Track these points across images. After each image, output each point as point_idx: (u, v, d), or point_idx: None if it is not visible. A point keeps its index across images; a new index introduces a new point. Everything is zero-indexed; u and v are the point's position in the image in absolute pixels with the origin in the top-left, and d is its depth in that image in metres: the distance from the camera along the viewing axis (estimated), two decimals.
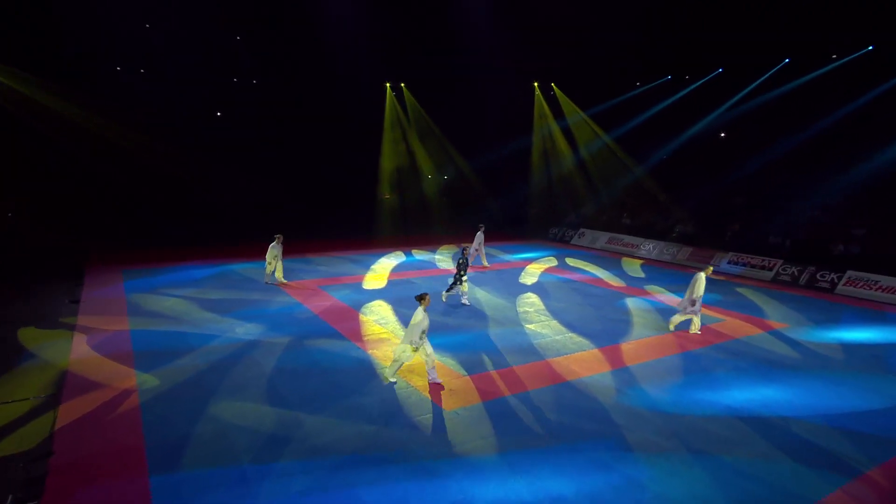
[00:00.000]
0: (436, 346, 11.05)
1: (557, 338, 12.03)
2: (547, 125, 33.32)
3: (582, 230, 27.32)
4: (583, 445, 7.42)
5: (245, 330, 11.76)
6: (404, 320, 12.91)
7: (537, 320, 13.36)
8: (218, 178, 27.09)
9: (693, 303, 12.34)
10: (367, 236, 26.29)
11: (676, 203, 26.45)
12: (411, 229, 28.71)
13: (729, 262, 20.95)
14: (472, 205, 32.10)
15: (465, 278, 14.34)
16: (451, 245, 24.91)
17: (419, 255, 22.36)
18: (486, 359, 10.56)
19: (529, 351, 11.11)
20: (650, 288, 17.42)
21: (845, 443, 7.64)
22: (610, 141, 30.90)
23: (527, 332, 12.40)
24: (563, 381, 9.61)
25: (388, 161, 31.88)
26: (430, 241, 25.91)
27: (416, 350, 8.91)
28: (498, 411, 8.34)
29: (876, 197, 21.44)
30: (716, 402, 8.89)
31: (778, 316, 14.49)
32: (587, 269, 20.61)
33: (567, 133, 32.73)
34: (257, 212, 26.89)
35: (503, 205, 31.90)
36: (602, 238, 26.18)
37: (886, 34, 21.14)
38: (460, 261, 14.38)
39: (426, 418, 8.04)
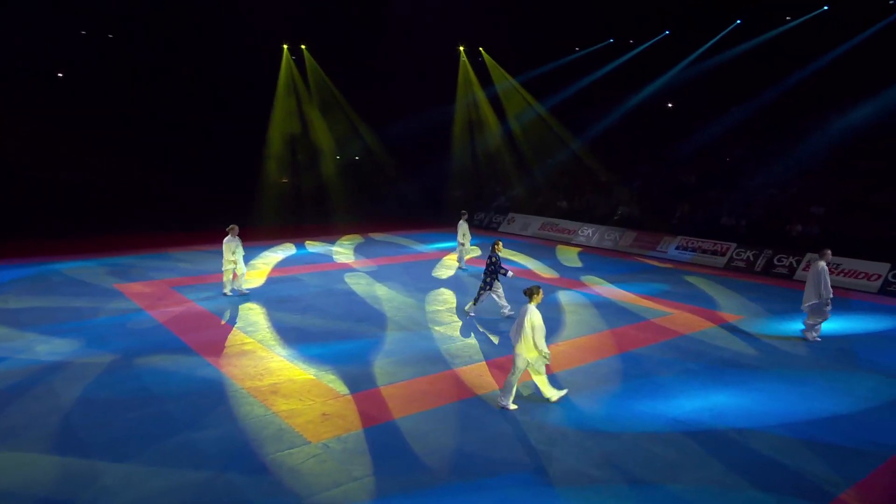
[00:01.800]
0: (316, 357, 9.98)
1: (471, 341, 11.11)
2: (472, 95, 32.60)
3: (512, 215, 26.81)
4: (490, 482, 6.44)
5: (50, 348, 10.00)
6: (279, 326, 11.60)
7: (448, 321, 12.40)
8: (52, 152, 24.33)
9: (828, 303, 11.62)
10: (250, 226, 24.37)
11: (620, 183, 26.47)
12: (307, 218, 27.11)
13: (678, 248, 20.98)
14: (383, 187, 30.89)
15: (494, 284, 12.47)
16: (355, 235, 23.62)
17: (313, 247, 20.93)
18: (376, 371, 9.42)
19: (434, 359, 10.09)
20: (587, 279, 16.93)
21: (813, 459, 7.11)
22: (545, 112, 30.62)
23: (434, 335, 11.40)
24: (472, 396, 8.64)
25: (279, 138, 30.01)
26: (329, 231, 24.47)
27: (547, 358, 8.18)
28: (382, 441, 7.22)
29: (834, 170, 22.16)
30: (660, 414, 8.20)
31: (732, 307, 14.31)
32: (515, 259, 19.99)
33: (496, 104, 32.17)
34: (102, 195, 24.39)
35: (420, 187, 30.89)
36: (535, 223, 25.76)
37: None
38: (489, 262, 12.44)
39: (282, 457, 6.78)
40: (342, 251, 20.36)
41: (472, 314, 12.81)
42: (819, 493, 6.41)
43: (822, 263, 11.55)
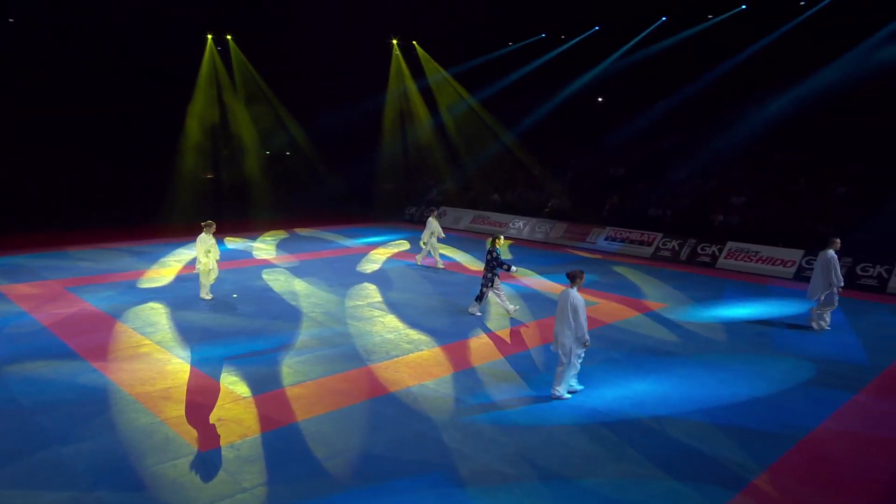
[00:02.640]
0: (219, 358, 9.39)
1: (389, 336, 10.61)
2: (404, 87, 32.06)
3: (444, 209, 26.43)
4: (395, 485, 5.97)
5: None
6: (183, 326, 10.79)
7: (368, 316, 11.86)
8: None
9: (837, 292, 11.51)
10: (165, 222, 23.06)
11: (552, 176, 26.52)
12: (229, 213, 25.90)
13: (606, 239, 21.12)
14: (310, 181, 29.94)
15: (495, 281, 11.90)
16: (279, 231, 22.68)
17: (233, 243, 19.92)
18: (284, 371, 8.79)
19: (348, 356, 9.55)
20: (516, 271, 16.72)
21: (730, 444, 6.99)
22: (477, 105, 30.42)
23: (351, 332, 10.84)
24: (385, 394, 8.15)
25: (199, 131, 28.54)
26: (252, 226, 23.42)
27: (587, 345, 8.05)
28: (280, 446, 6.64)
29: (753, 162, 22.84)
30: (579, 405, 7.94)
31: (657, 295, 14.37)
32: (444, 252, 19.56)
33: (428, 97, 31.75)
34: None
35: (349, 181, 30.11)
36: (466, 217, 25.50)
37: None
38: (489, 257, 11.81)
39: (164, 469, 6.10)
40: (263, 247, 19.45)
41: (478, 314, 12.17)
42: (734, 479, 6.26)
43: (831, 252, 11.57)
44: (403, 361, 9.46)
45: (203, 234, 12.50)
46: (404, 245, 20.91)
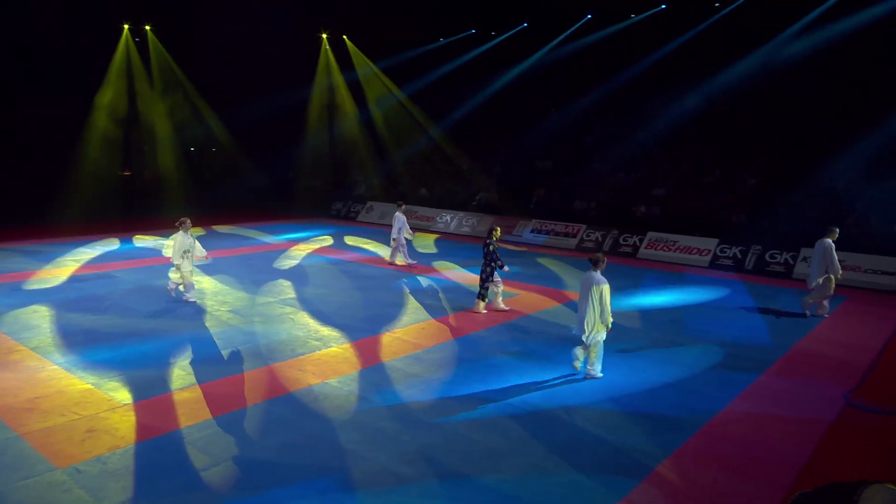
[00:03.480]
0: (102, 362, 8.64)
1: (298, 334, 10.04)
2: (331, 81, 31.26)
3: (370, 204, 25.87)
4: (280, 494, 5.46)
5: None
6: (66, 330, 9.90)
7: (277, 314, 11.23)
8: None
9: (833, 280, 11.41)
10: (65, 220, 21.47)
11: (480, 170, 26.38)
12: (142, 210, 24.49)
13: (532, 231, 21.08)
14: (230, 176, 28.71)
15: (495, 277, 11.41)
16: (196, 228, 21.43)
17: (142, 241, 18.76)
18: (175, 374, 8.10)
19: (249, 356, 8.92)
20: (439, 264, 16.40)
21: (636, 432, 6.82)
22: (405, 99, 29.99)
23: (256, 330, 10.20)
24: (283, 394, 7.60)
25: (109, 124, 26.85)
26: (166, 224, 22.03)
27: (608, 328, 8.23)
28: (156, 457, 6.01)
29: (672, 154, 23.32)
30: (488, 397, 7.63)
31: (577, 286, 14.25)
32: (367, 247, 19.08)
33: (357, 91, 31.08)
34: None
35: (272, 176, 29.06)
36: (393, 212, 24.90)
37: None
38: (486, 250, 11.34)
39: (10, 490, 5.37)
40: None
41: (484, 311, 11.60)
42: (638, 467, 6.07)
43: (829, 241, 11.56)
44: (309, 359, 8.92)
45: (179, 234, 11.59)
46: (327, 241, 20.23)
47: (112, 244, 18.07)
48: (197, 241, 12.00)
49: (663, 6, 24.82)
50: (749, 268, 16.35)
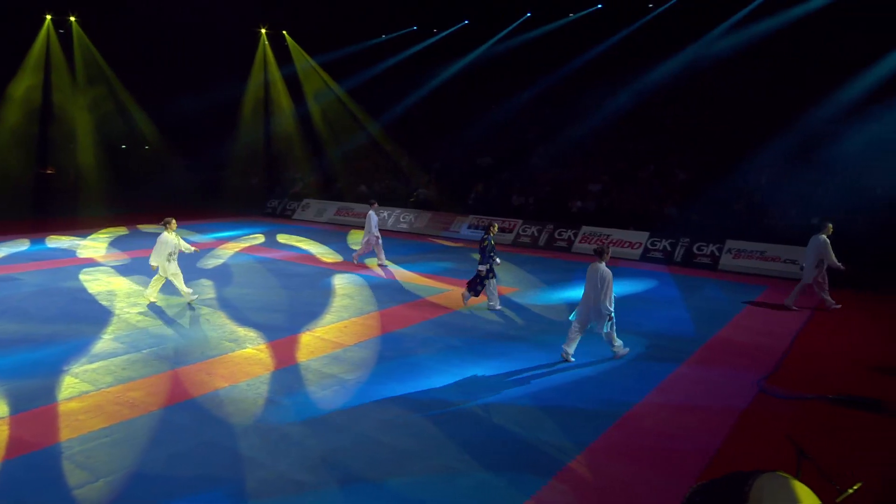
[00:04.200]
0: None
1: (212, 335, 9.51)
2: (270, 78, 30.37)
3: (307, 201, 25.23)
4: None
5: None
6: None
7: (194, 314, 10.62)
8: None
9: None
10: None
11: (420, 166, 26.09)
12: (58, 209, 23.13)
13: (469, 227, 20.90)
14: (159, 174, 27.49)
15: (488, 272, 11.17)
16: (119, 227, 20.47)
17: (56, 242, 17.63)
18: (64, 383, 7.47)
19: (154, 359, 8.36)
20: (371, 261, 15.98)
21: (552, 427, 6.64)
22: (344, 95, 29.41)
23: (166, 332, 9.61)
24: (186, 400, 7.10)
25: (22, 119, 25.25)
26: (86, 224, 20.91)
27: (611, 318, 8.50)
28: (24, 475, 5.46)
29: (608, 150, 23.57)
30: (404, 397, 7.32)
31: (509, 280, 14.16)
32: (300, 245, 18.50)
33: (296, 88, 30.30)
34: None
35: (205, 173, 27.98)
36: (330, 209, 24.41)
37: None
38: (482, 245, 11.19)
39: None
40: (93, 245, 17.35)
41: (498, 307, 11.38)
42: (549, 464, 5.87)
43: (823, 236, 11.51)
44: (220, 361, 8.43)
45: (164, 235, 11.08)
46: (259, 239, 19.53)
47: (21, 245, 16.91)
48: (181, 239, 11.49)
49: (599, 6, 25.17)
50: (678, 260, 16.61)
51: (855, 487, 4.44)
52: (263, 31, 29.55)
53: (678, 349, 9.40)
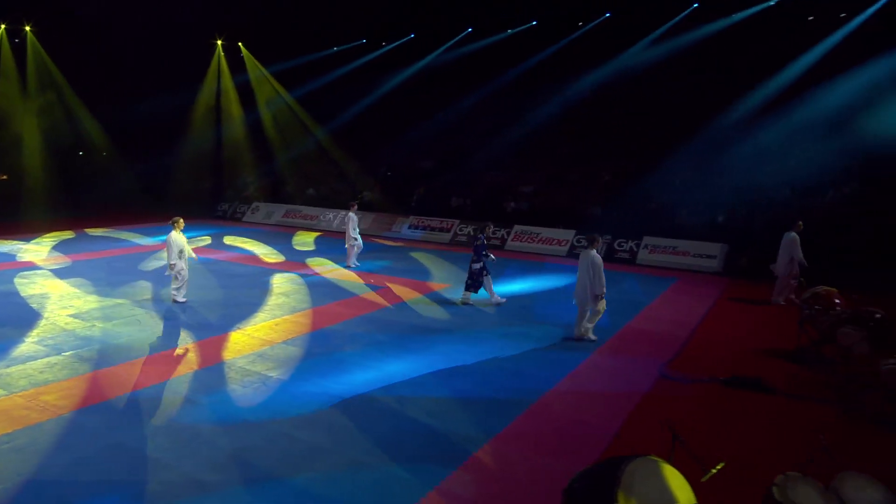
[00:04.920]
0: None
1: (141, 336, 8.95)
2: (223, 86, 29.39)
3: (256, 204, 24.46)
4: None
5: None
6: None
7: (126, 315, 10.01)
8: None
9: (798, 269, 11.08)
10: None
11: (365, 170, 25.66)
12: (4, 215, 21.71)
13: (410, 227, 20.64)
14: (108, 178, 26.17)
15: (481, 270, 11.11)
16: (65, 231, 19.33)
17: None
18: None
19: (76, 362, 7.78)
20: (312, 261, 15.55)
21: (463, 417, 6.44)
22: (294, 103, 28.72)
23: (95, 334, 8.99)
24: (100, 402, 6.60)
25: None
26: (29, 228, 19.65)
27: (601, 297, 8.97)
28: None
29: (540, 153, 23.68)
30: (324, 392, 7.00)
31: (442, 277, 13.97)
32: (245, 246, 17.85)
33: (248, 95, 29.41)
34: None
35: (156, 178, 26.78)
36: (278, 212, 23.73)
37: (548, 11, 23.80)
38: (477, 244, 11.15)
39: None
40: (36, 249, 16.28)
41: (503, 300, 11.37)
42: (458, 453, 5.66)
43: (793, 234, 11.32)
44: (145, 362, 7.90)
45: (173, 233, 10.73)
46: (205, 241, 18.75)
47: None
48: (186, 242, 10.96)
49: (534, 22, 25.37)
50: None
51: (718, 467, 4.41)
52: (220, 42, 28.71)
53: (593, 339, 9.35)
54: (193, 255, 11.29)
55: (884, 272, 12.50)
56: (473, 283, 11.22)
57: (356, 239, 14.59)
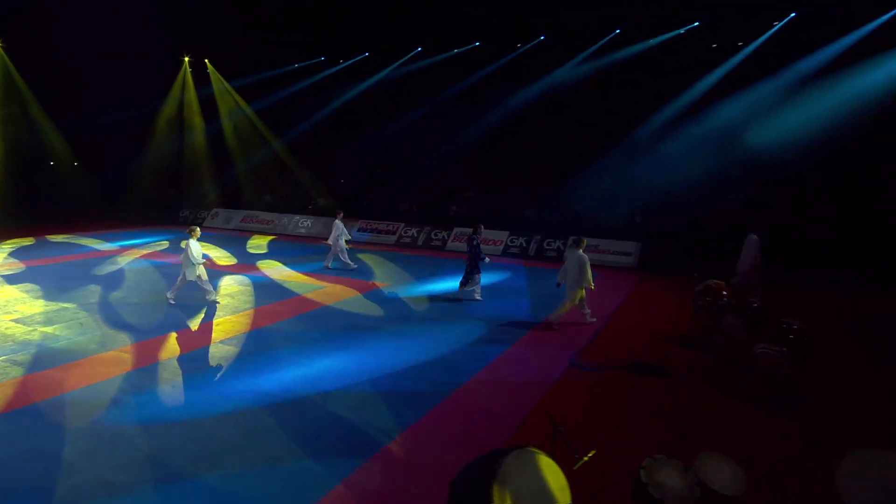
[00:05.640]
0: None
1: (78, 339, 8.40)
2: (186, 98, 28.33)
3: (216, 210, 23.63)
4: None
5: None
6: None
7: (68, 319, 9.41)
8: None
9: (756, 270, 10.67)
10: None
11: (319, 177, 25.16)
12: None
13: (359, 230, 20.29)
14: (65, 185, 24.84)
15: (473, 269, 11.21)
16: (25, 238, 18.19)
17: None
18: None
19: (8, 365, 7.20)
20: (263, 263, 15.07)
21: (381, 410, 6.25)
22: (253, 115, 27.94)
23: (31, 338, 8.38)
24: (23, 406, 6.12)
25: None
26: None
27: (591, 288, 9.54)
28: None
29: (482, 161, 23.68)
30: (251, 389, 6.69)
31: (382, 276, 13.74)
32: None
33: (211, 107, 28.46)
34: None
35: (120, 185, 25.56)
36: (237, 217, 23.01)
37: (489, 33, 23.88)
38: (471, 244, 11.15)
39: None
40: None
41: (479, 297, 11.32)
42: (370, 445, 5.46)
43: (753, 236, 10.95)
44: (79, 365, 7.39)
45: (190, 241, 10.63)
46: (163, 245, 17.97)
47: None
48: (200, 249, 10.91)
49: (477, 43, 25.44)
50: (531, 254, 16.83)
51: (590, 455, 4.36)
52: (186, 59, 27.78)
53: (513, 332, 9.30)
54: (202, 262, 10.90)
55: (769, 266, 12.95)
56: (467, 280, 11.27)
57: (342, 245, 14.37)
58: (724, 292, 8.72)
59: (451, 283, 13.00)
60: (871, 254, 13.55)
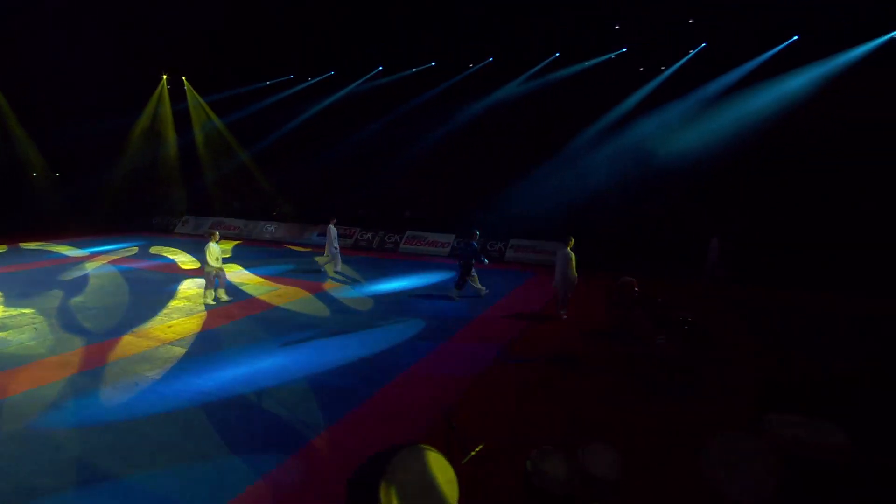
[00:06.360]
0: None
1: (30, 343, 7.94)
2: (161, 112, 27.31)
3: (186, 217, 22.83)
4: None
5: None
6: None
7: (22, 324, 8.88)
8: None
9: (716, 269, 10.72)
10: None
11: (284, 185, 24.65)
12: None
13: (318, 235, 19.93)
14: (40, 194, 23.60)
15: (465, 272, 11.16)
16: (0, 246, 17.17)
17: None
18: None
19: None
20: (224, 267, 14.55)
21: (312, 406, 6.09)
22: (223, 127, 27.16)
23: None
24: None
25: None
26: None
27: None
28: None
29: (439, 168, 23.60)
30: (192, 389, 6.42)
31: (336, 277, 13.49)
32: (167, 255, 16.54)
33: (185, 120, 27.53)
34: None
35: (94, 192, 24.41)
36: (206, 223, 22.30)
37: (444, 54, 23.72)
38: (469, 247, 11.15)
39: None
40: None
41: (457, 299, 11.17)
42: (292, 442, 5.29)
43: (715, 239, 11.29)
44: (26, 369, 6.97)
45: (211, 244, 10.78)
46: (132, 251, 17.22)
47: None
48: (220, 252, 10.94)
49: (433, 63, 25.40)
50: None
51: (477, 449, 4.35)
52: (165, 77, 26.84)
53: (450, 328, 9.21)
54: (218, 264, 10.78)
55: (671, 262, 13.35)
56: (462, 279, 11.25)
57: (336, 248, 13.97)
58: (636, 288, 8.88)
59: (394, 284, 12.86)
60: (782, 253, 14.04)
